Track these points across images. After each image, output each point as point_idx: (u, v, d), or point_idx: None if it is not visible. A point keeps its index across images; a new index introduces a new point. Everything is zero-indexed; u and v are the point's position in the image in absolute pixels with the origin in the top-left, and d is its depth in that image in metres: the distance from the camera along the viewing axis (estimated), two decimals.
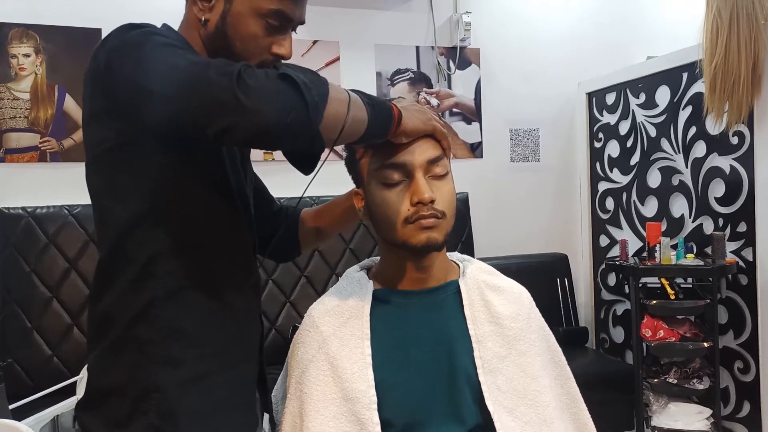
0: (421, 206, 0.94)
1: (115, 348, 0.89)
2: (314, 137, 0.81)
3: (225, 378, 0.92)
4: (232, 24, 0.92)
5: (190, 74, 0.79)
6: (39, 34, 2.45)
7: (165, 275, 0.88)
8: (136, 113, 0.83)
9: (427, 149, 0.97)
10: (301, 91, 0.77)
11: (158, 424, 0.85)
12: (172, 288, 0.88)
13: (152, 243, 0.88)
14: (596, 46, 3.32)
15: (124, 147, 0.87)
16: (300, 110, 0.78)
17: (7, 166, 2.43)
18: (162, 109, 0.80)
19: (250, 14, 0.91)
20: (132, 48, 0.84)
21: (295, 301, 2.70)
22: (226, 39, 0.93)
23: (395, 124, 0.92)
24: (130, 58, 0.83)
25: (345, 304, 1.01)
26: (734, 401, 2.46)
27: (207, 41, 0.95)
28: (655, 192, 2.82)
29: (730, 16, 2.20)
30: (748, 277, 2.38)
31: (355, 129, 0.86)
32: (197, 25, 0.95)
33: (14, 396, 1.76)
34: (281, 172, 1.39)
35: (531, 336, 1.02)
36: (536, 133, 3.29)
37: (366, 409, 0.91)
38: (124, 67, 0.83)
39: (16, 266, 2.29)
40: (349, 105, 0.84)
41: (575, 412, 1.06)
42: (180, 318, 0.88)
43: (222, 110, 0.76)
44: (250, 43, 0.93)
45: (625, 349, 3.03)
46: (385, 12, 3.01)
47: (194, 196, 0.91)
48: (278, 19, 0.93)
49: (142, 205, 0.88)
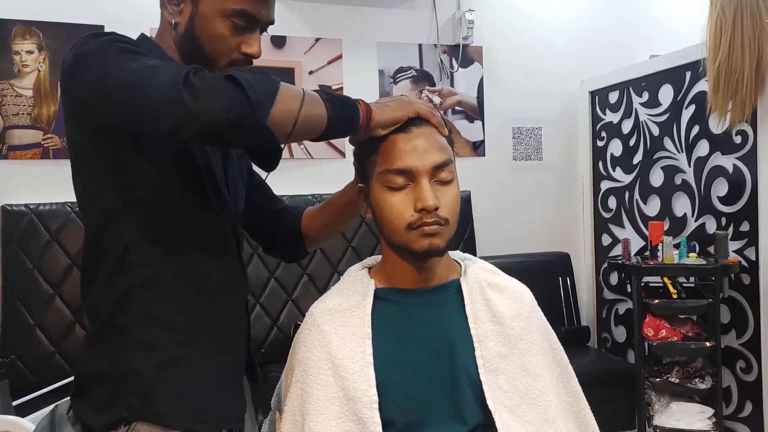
0: (424, 213, 0.93)
1: (99, 337, 0.95)
2: (261, 132, 0.84)
3: (203, 362, 0.95)
4: (199, 25, 0.96)
5: (142, 77, 0.83)
6: (42, 31, 2.45)
7: (140, 265, 0.92)
8: (98, 115, 0.89)
9: (433, 154, 0.95)
10: (245, 90, 0.81)
11: (137, 405, 0.90)
12: (147, 277, 0.92)
13: (126, 236, 0.92)
14: (599, 44, 3.31)
15: (94, 147, 0.92)
16: (243, 107, 0.81)
17: (10, 163, 2.43)
18: (118, 110, 0.85)
19: (216, 15, 0.95)
20: (94, 54, 0.88)
21: (297, 299, 2.70)
22: (195, 41, 0.97)
23: (364, 119, 0.93)
24: (91, 63, 0.88)
25: (346, 302, 1.01)
26: (736, 401, 2.46)
27: (179, 44, 0.99)
28: (658, 191, 2.81)
29: (734, 15, 2.20)
30: (750, 276, 2.38)
31: (312, 124, 0.89)
32: (169, 28, 1.00)
33: (16, 392, 1.77)
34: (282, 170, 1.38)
35: (533, 335, 1.01)
36: (539, 131, 3.29)
37: (367, 408, 0.91)
38: (86, 72, 0.88)
39: (18, 263, 2.30)
40: (303, 102, 0.86)
41: (577, 411, 1.06)
42: (155, 305, 0.92)
43: (170, 110, 0.80)
44: (218, 43, 0.96)
45: (627, 348, 3.03)
46: (388, 10, 3.01)
47: (164, 189, 0.94)
48: (244, 19, 0.96)
49: (114, 200, 0.93)
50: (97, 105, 0.87)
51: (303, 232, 1.22)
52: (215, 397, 0.95)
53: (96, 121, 0.90)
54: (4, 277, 2.29)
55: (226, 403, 0.98)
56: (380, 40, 2.99)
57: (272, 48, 2.81)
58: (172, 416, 0.91)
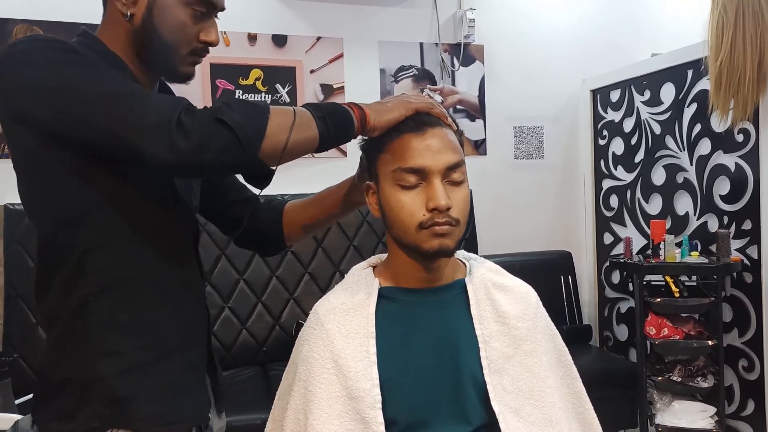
0: (436, 213, 0.93)
1: (60, 343, 0.92)
2: (254, 165, 0.88)
3: (167, 364, 0.94)
4: (158, 15, 0.95)
5: (128, 108, 0.83)
6: (43, 30, 2.45)
7: (96, 272, 0.90)
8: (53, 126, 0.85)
9: (446, 154, 0.95)
10: (235, 133, 0.83)
11: (104, 412, 0.89)
12: (104, 283, 0.91)
13: (80, 242, 0.90)
14: (601, 43, 3.31)
15: (44, 152, 0.88)
16: (235, 149, 0.83)
17: (10, 162, 2.43)
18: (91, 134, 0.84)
19: (177, 3, 0.95)
20: (40, 59, 0.85)
21: (299, 298, 2.70)
22: (154, 31, 0.95)
23: (359, 126, 0.95)
24: (38, 70, 0.85)
25: (350, 301, 1.01)
26: (738, 399, 2.46)
27: (134, 35, 0.97)
28: (660, 189, 2.81)
29: (736, 13, 2.19)
30: (752, 275, 2.37)
31: (305, 147, 0.91)
32: (121, 20, 0.96)
33: (19, 391, 1.77)
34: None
35: (537, 336, 1.01)
36: (540, 130, 3.29)
37: (370, 407, 0.91)
38: (32, 79, 0.85)
39: (20, 262, 2.30)
40: (293, 128, 0.88)
41: (581, 412, 1.06)
42: (115, 311, 0.91)
43: (160, 149, 0.81)
44: (179, 33, 0.96)
45: (628, 347, 3.03)
46: (389, 8, 3.00)
47: (121, 195, 0.92)
48: (204, 6, 0.97)
49: (68, 206, 0.90)
50: (54, 118, 0.84)
51: (284, 228, 1.20)
52: (182, 398, 0.96)
53: (48, 130, 0.86)
54: (6, 277, 2.29)
55: (192, 402, 0.98)
56: (381, 39, 2.99)
57: (273, 47, 2.81)
58: (143, 420, 0.90)
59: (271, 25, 2.80)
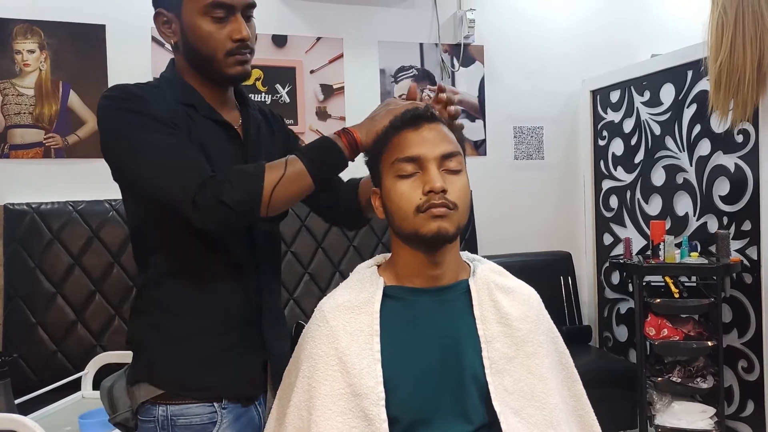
0: (432, 195, 0.95)
1: (131, 314, 1.18)
2: (259, 221, 1.07)
3: (200, 342, 1.10)
4: (189, 33, 1.07)
5: (159, 177, 1.01)
6: (43, 30, 2.45)
7: (156, 264, 1.11)
8: (125, 179, 1.10)
9: (441, 144, 0.99)
10: (234, 211, 0.98)
11: (144, 370, 1.10)
12: (159, 274, 1.11)
13: (150, 241, 1.12)
14: (600, 43, 3.31)
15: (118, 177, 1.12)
16: (240, 220, 1.00)
17: (11, 162, 2.43)
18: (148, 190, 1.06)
19: (197, 16, 1.06)
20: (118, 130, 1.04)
21: (299, 298, 2.70)
22: (193, 49, 1.08)
23: (348, 151, 1.05)
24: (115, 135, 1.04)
25: (356, 299, 1.01)
26: (738, 400, 2.46)
27: (186, 58, 1.11)
28: (660, 190, 2.81)
29: (736, 14, 2.19)
30: (752, 275, 2.38)
31: (299, 192, 1.04)
32: (177, 52, 1.13)
33: (19, 391, 1.77)
34: None
35: (539, 338, 1.02)
36: (540, 130, 3.29)
37: (374, 405, 0.92)
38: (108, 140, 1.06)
39: (20, 262, 2.30)
40: (286, 183, 1.01)
41: (581, 415, 1.06)
42: (164, 295, 1.11)
43: (184, 212, 1.00)
44: (209, 42, 1.06)
45: (628, 347, 3.03)
46: (389, 9, 3.01)
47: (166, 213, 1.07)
48: (220, 9, 1.05)
49: (137, 215, 1.13)
50: (116, 167, 1.08)
51: (361, 203, 1.28)
52: (209, 372, 1.09)
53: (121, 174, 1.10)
54: (6, 277, 2.29)
55: (219, 377, 1.09)
56: (381, 40, 2.99)
57: (273, 47, 2.81)
58: (169, 383, 1.08)
59: (271, 25, 2.80)
